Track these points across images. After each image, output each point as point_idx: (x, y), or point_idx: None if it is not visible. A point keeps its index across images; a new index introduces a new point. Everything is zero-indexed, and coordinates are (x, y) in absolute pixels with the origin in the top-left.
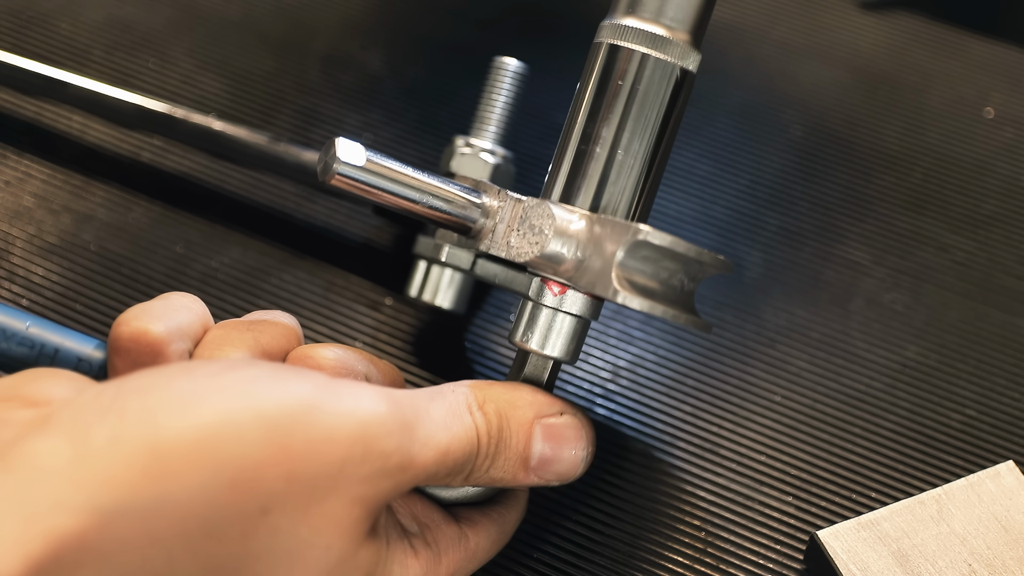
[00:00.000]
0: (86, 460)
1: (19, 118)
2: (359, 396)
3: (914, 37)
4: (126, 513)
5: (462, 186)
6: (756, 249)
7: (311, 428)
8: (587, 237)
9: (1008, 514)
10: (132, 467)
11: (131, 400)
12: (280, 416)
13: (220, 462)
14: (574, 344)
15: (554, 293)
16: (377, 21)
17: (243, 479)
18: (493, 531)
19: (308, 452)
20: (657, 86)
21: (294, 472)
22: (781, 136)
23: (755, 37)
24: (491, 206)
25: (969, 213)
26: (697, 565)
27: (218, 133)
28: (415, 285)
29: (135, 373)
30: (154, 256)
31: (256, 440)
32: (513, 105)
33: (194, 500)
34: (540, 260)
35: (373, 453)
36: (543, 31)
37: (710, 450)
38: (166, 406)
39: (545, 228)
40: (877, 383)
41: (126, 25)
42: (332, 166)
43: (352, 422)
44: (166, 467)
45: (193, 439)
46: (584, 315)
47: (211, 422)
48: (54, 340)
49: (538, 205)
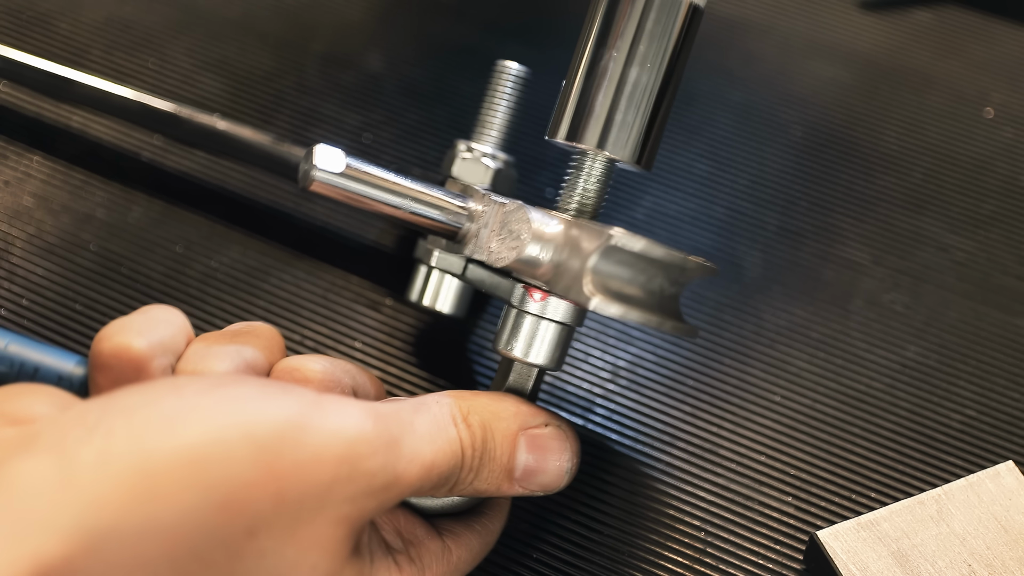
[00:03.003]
0: (73, 481)
1: (19, 118)
2: (345, 413)
3: (914, 37)
4: (114, 536)
5: (447, 191)
6: (756, 249)
7: (299, 448)
8: (563, 241)
9: (1008, 514)
10: (120, 488)
11: (118, 419)
12: (269, 436)
13: (209, 483)
14: (558, 351)
15: (535, 300)
16: (377, 21)
17: (232, 501)
18: (475, 543)
19: (296, 473)
20: (665, 19)
21: (282, 493)
22: (781, 136)
23: (755, 37)
24: (476, 211)
25: (969, 213)
26: (696, 565)
27: (222, 132)
28: (416, 289)
29: (121, 390)
30: (154, 256)
31: (245, 461)
32: (515, 109)
33: (183, 522)
34: (518, 264)
35: (359, 472)
36: (543, 31)
37: (710, 450)
38: (154, 425)
39: (523, 232)
40: (877, 383)
41: (126, 25)
42: (311, 173)
43: (339, 441)
44: (155, 488)
45: (182, 460)
46: (567, 322)
47: (200, 442)
48: (34, 358)
49: (517, 209)
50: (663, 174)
